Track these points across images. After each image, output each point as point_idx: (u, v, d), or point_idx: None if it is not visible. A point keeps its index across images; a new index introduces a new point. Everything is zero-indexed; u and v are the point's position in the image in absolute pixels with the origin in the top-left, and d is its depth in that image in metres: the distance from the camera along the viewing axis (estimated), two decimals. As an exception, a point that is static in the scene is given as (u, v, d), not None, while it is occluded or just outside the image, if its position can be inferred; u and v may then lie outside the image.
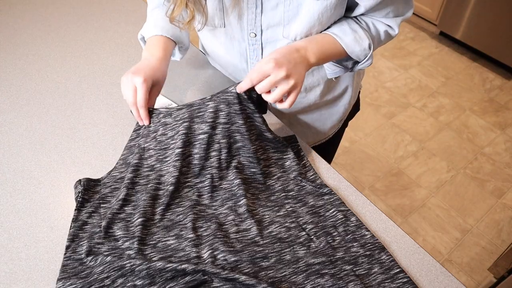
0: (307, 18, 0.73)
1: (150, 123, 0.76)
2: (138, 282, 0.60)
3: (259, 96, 0.73)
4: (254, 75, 0.68)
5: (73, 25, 1.13)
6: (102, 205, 0.70)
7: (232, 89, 0.73)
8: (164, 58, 0.80)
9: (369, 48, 0.77)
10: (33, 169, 0.78)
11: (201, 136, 0.73)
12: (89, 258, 0.63)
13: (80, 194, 0.71)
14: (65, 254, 0.64)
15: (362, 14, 0.77)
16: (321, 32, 0.77)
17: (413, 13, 2.86)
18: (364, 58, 0.79)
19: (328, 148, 1.09)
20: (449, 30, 2.71)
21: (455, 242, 1.81)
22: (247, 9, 0.75)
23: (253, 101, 0.74)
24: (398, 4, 0.76)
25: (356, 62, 0.82)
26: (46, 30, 1.10)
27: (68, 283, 0.60)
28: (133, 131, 0.78)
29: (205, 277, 0.61)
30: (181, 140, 0.73)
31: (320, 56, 0.74)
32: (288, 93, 0.69)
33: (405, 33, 2.91)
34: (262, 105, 0.77)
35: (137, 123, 0.78)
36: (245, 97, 0.73)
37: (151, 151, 0.74)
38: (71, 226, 0.67)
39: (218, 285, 0.60)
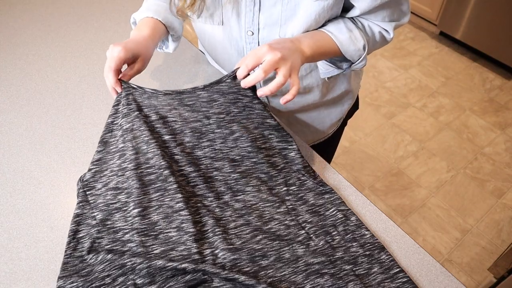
0: (304, 18, 0.73)
1: (121, 92, 0.71)
2: (139, 281, 0.60)
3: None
4: (248, 59, 0.67)
5: (73, 25, 1.13)
6: (87, 192, 0.68)
7: (227, 79, 0.70)
8: (151, 36, 0.77)
9: (364, 49, 0.77)
10: (33, 169, 0.78)
11: (193, 125, 0.71)
12: (90, 255, 0.63)
13: (81, 190, 0.71)
14: (65, 251, 0.64)
15: (358, 16, 0.77)
16: (316, 29, 0.77)
17: (413, 13, 2.86)
18: (358, 59, 0.79)
19: (327, 147, 1.09)
20: (449, 30, 2.71)
21: (455, 242, 1.81)
22: (245, 7, 0.75)
23: (250, 88, 0.71)
24: (394, 10, 0.76)
25: (350, 63, 0.82)
26: (46, 30, 1.10)
27: (69, 281, 0.60)
28: (112, 107, 0.73)
29: (205, 276, 0.61)
30: (170, 127, 0.71)
31: (314, 49, 0.72)
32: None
33: (405, 33, 2.91)
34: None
35: (116, 98, 0.74)
36: (239, 81, 0.70)
37: (135, 131, 0.71)
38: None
39: (218, 285, 0.60)
